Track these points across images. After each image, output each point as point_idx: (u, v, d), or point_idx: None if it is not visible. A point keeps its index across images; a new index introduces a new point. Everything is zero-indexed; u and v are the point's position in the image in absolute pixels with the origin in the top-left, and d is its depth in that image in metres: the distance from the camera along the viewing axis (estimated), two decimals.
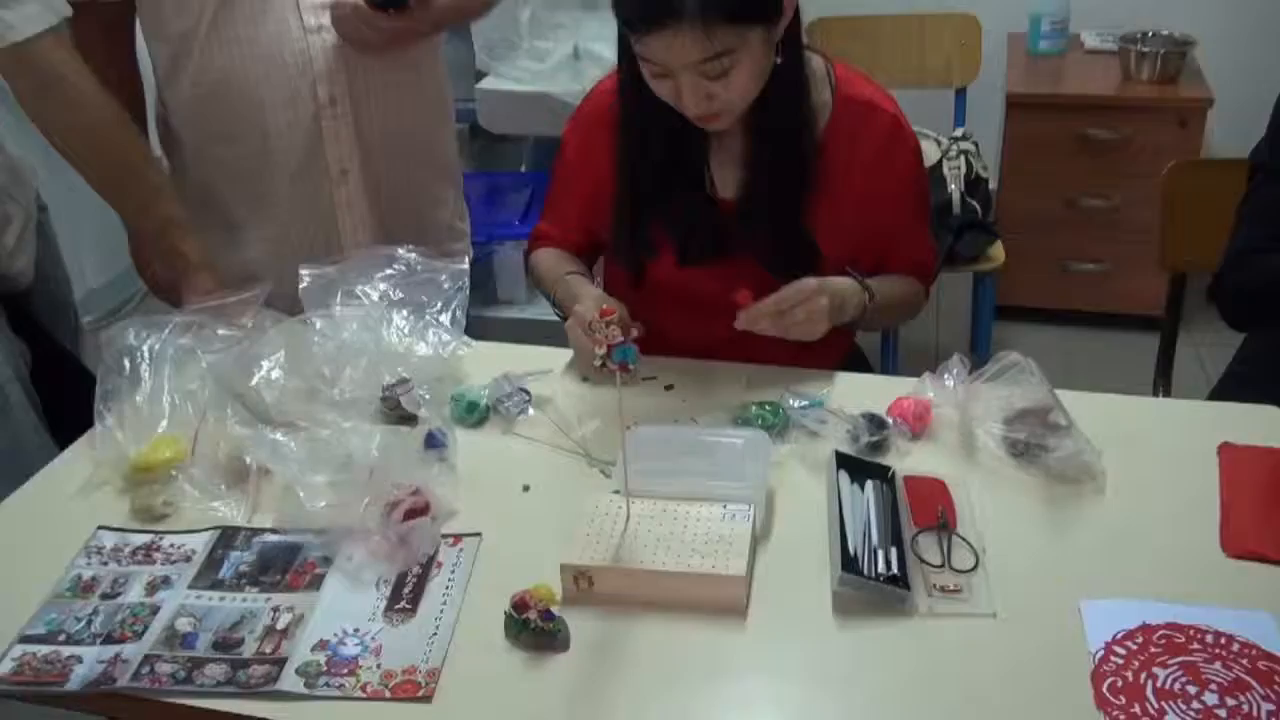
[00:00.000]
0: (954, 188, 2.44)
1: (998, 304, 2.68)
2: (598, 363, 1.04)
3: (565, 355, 1.50)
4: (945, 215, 2.42)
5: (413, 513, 1.16)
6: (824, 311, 1.31)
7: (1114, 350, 2.86)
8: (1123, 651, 1.00)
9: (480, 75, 2.69)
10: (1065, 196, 2.83)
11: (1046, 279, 2.92)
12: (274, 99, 1.58)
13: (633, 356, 1.04)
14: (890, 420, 1.28)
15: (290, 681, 1.02)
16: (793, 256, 1.37)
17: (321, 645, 1.05)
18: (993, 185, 2.63)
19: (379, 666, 1.02)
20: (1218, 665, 0.96)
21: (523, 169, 3.10)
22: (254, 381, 1.31)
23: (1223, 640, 0.98)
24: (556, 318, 1.52)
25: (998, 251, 2.49)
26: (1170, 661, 0.97)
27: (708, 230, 1.37)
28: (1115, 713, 0.95)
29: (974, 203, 2.46)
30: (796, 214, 1.39)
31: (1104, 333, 2.93)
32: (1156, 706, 0.94)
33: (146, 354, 1.33)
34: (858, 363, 1.69)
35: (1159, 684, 0.95)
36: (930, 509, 1.16)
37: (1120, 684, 0.97)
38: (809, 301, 1.31)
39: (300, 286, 1.44)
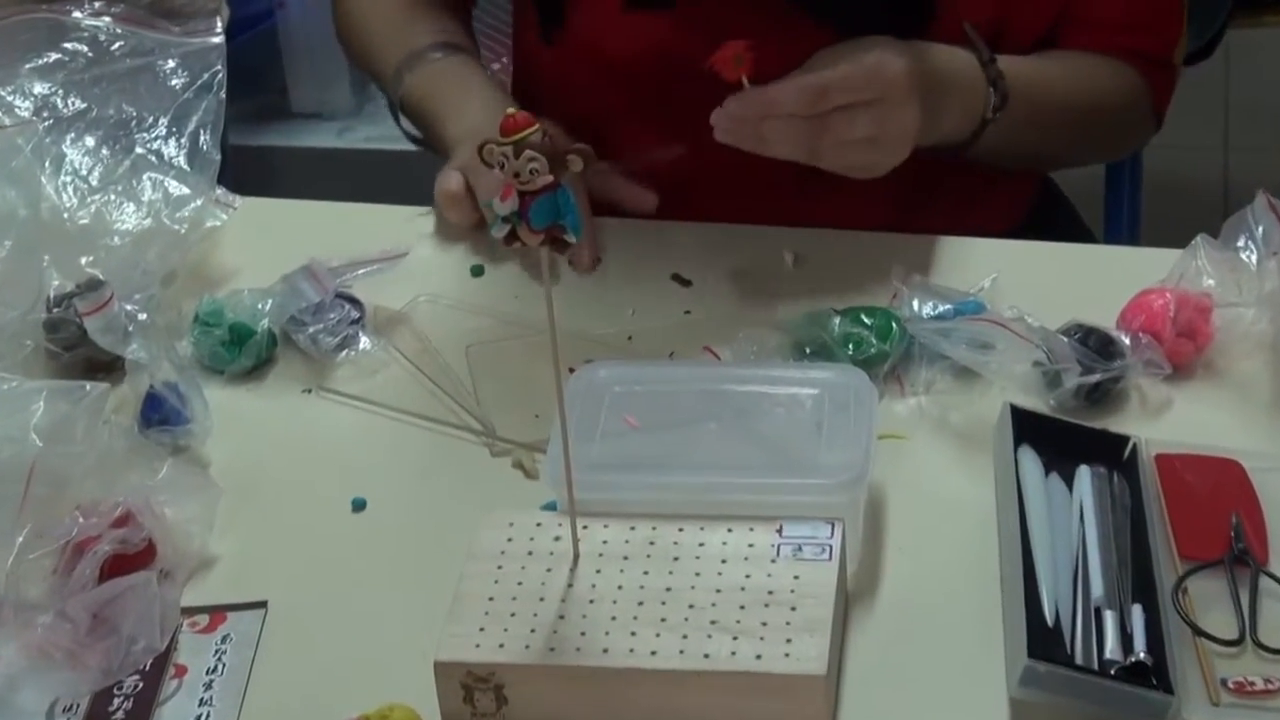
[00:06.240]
0: None
1: None
2: (498, 231, 0.99)
3: (430, 219, 1.51)
4: None
5: (120, 564, 1.14)
6: (909, 115, 1.34)
7: None
8: None
9: None
10: None
11: None
12: None
13: (573, 217, 0.99)
14: (1126, 339, 1.27)
15: None
16: None
17: None
18: None
19: None
20: None
21: None
22: None
23: None
24: (412, 146, 1.55)
25: None
26: None
27: None
28: None
29: None
30: None
31: None
32: None
33: None
34: (1055, 217, 1.70)
35: None
36: (1213, 524, 1.15)
37: None
38: (880, 91, 1.31)
39: None
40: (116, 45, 1.44)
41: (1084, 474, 1.17)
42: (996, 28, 1.46)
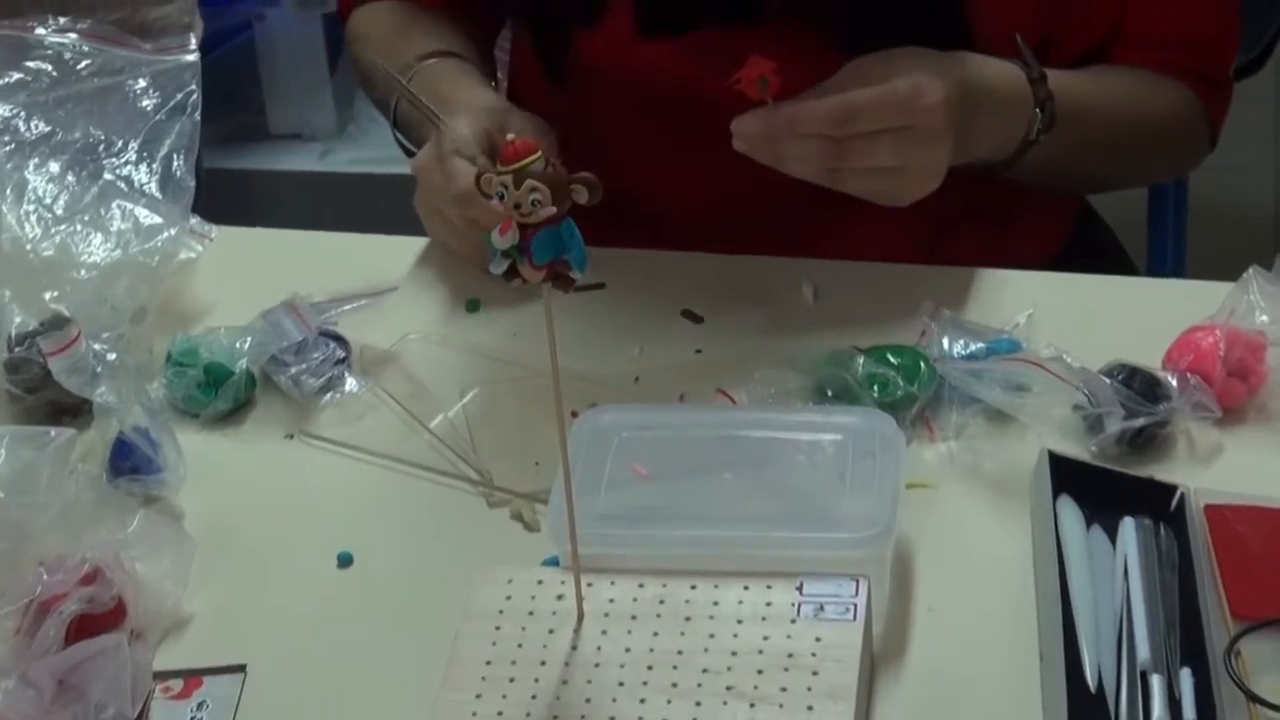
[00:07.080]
0: None
1: None
2: (497, 267, 0.99)
3: (422, 249, 1.50)
4: None
5: (88, 624, 1.14)
6: (940, 148, 1.34)
7: None
8: None
9: None
10: None
11: None
12: None
13: (578, 251, 0.99)
14: (1173, 380, 1.27)
15: None
16: (903, 20, 1.41)
17: None
18: None
19: None
20: None
21: None
22: None
23: None
24: (400, 170, 1.53)
25: None
26: None
27: None
28: None
29: None
30: None
31: None
32: None
33: None
34: (1095, 247, 1.71)
35: None
36: (1268, 580, 1.14)
37: None
38: (911, 119, 1.32)
39: None
40: (83, 64, 1.45)
41: (1128, 526, 1.16)
42: (1039, 45, 1.45)
